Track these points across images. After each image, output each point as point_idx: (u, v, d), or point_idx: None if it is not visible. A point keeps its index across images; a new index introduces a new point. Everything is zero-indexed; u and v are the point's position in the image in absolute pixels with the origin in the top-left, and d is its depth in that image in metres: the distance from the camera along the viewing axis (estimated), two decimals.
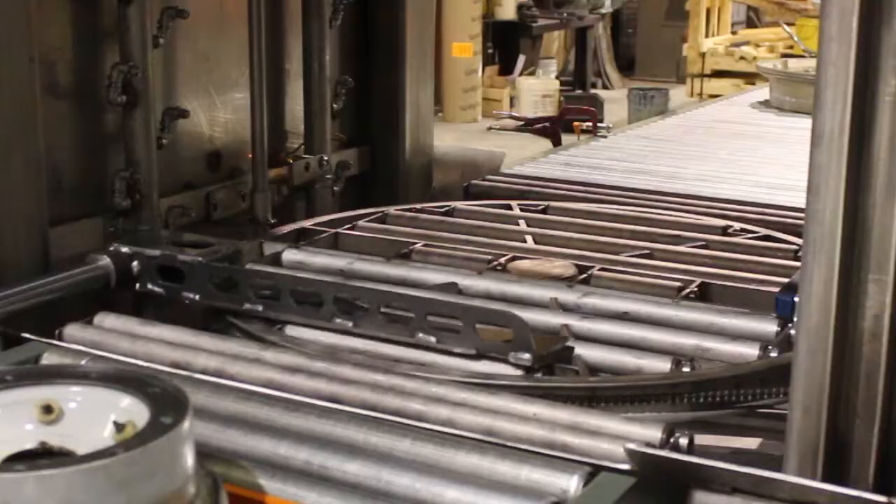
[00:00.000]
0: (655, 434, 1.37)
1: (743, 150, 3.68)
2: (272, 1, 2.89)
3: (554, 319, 1.90)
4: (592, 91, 12.22)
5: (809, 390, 1.23)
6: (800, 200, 1.31)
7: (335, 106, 3.08)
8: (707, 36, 11.72)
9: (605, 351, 1.78)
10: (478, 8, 11.04)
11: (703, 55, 11.48)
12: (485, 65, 11.45)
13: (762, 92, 5.01)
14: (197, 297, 2.01)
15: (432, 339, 1.79)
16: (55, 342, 1.70)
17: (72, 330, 1.79)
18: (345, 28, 3.13)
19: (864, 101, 1.17)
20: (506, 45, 12.04)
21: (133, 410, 1.11)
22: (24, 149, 2.15)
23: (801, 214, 1.23)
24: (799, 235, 2.03)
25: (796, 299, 1.27)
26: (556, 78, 12.05)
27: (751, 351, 1.77)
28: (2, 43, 2.09)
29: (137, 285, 2.09)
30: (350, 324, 1.87)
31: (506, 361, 1.72)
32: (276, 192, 2.85)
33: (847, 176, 1.17)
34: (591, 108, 7.00)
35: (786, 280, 2.03)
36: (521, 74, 11.80)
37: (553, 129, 7.06)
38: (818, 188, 1.19)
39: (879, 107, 1.16)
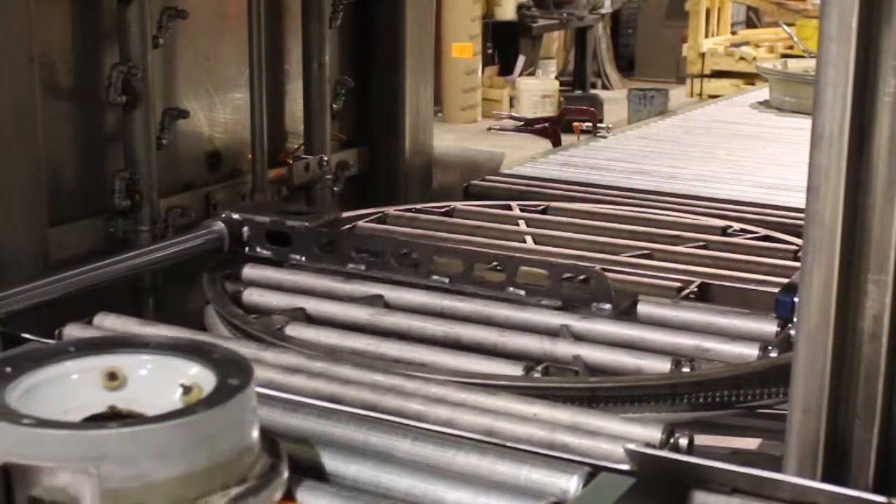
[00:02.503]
0: (655, 434, 1.37)
1: (742, 150, 3.68)
2: (272, 1, 2.89)
3: (554, 319, 1.90)
4: (592, 91, 12.22)
5: (809, 390, 1.23)
6: (800, 200, 1.31)
7: (335, 106, 3.08)
8: (707, 36, 11.72)
9: (605, 351, 1.78)
10: (478, 8, 11.04)
11: (702, 55, 11.48)
12: (485, 65, 11.45)
13: (762, 92, 5.00)
14: (303, 258, 2.20)
15: (521, 292, 1.98)
16: (54, 342, 1.70)
17: (71, 330, 1.79)
18: (345, 28, 3.13)
19: (864, 101, 1.17)
20: (506, 46, 12.04)
21: (197, 375, 1.20)
22: (24, 149, 2.15)
23: (801, 214, 1.23)
24: (799, 235, 2.03)
25: (796, 299, 1.27)
26: (556, 78, 12.04)
27: (751, 351, 1.77)
28: (2, 43, 2.09)
29: (247, 249, 2.24)
30: (446, 280, 2.05)
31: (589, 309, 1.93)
32: (276, 192, 2.85)
33: (847, 176, 1.17)
34: (591, 109, 6.97)
35: (786, 280, 2.03)
36: (520, 75, 11.80)
37: (553, 129, 7.03)
38: (818, 188, 1.19)
39: (879, 107, 1.16)
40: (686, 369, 1.71)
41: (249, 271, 2.18)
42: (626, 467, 1.26)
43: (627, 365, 1.75)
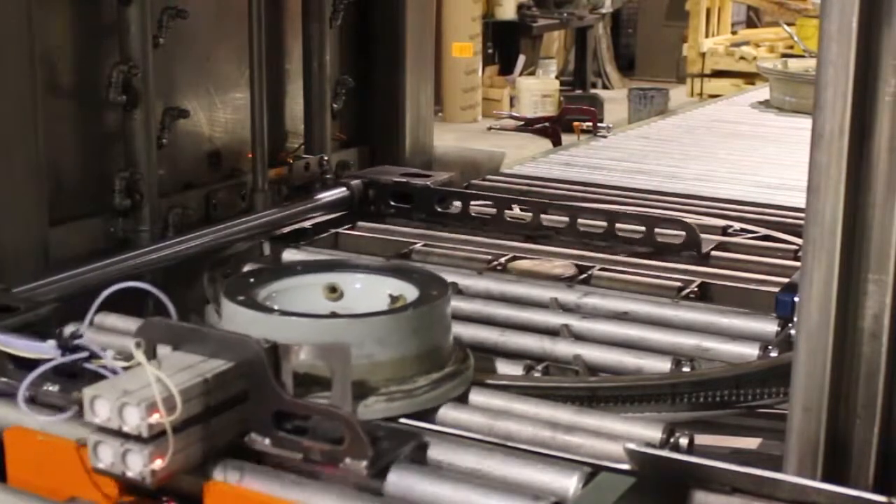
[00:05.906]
0: (655, 434, 1.37)
1: (743, 150, 3.68)
2: (272, 1, 2.89)
3: (554, 319, 1.90)
4: (592, 91, 12.23)
5: (809, 390, 1.23)
6: (800, 200, 1.31)
7: (335, 106, 3.08)
8: (707, 36, 11.72)
9: (605, 351, 1.78)
10: (478, 8, 11.05)
11: (703, 55, 11.48)
12: (485, 65, 11.45)
13: (762, 92, 5.00)
14: (423, 215, 2.49)
15: (620, 243, 2.30)
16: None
17: (72, 330, 1.79)
18: (345, 28, 3.13)
19: (864, 101, 1.17)
20: (506, 45, 12.05)
21: (401, 287, 1.52)
22: (24, 149, 2.15)
23: (801, 214, 1.23)
24: (799, 235, 2.03)
25: (796, 299, 1.27)
26: (556, 78, 12.05)
27: (751, 351, 1.77)
28: (2, 43, 2.09)
29: (372, 207, 2.57)
30: (553, 232, 2.36)
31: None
32: (276, 192, 2.85)
33: (847, 176, 1.18)
34: (591, 108, 6.96)
35: (786, 280, 2.03)
36: (521, 74, 11.80)
37: (553, 129, 7.03)
38: (818, 188, 1.19)
39: (879, 107, 1.17)
40: (686, 369, 1.71)
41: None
42: (626, 467, 1.26)
43: (627, 365, 1.75)
